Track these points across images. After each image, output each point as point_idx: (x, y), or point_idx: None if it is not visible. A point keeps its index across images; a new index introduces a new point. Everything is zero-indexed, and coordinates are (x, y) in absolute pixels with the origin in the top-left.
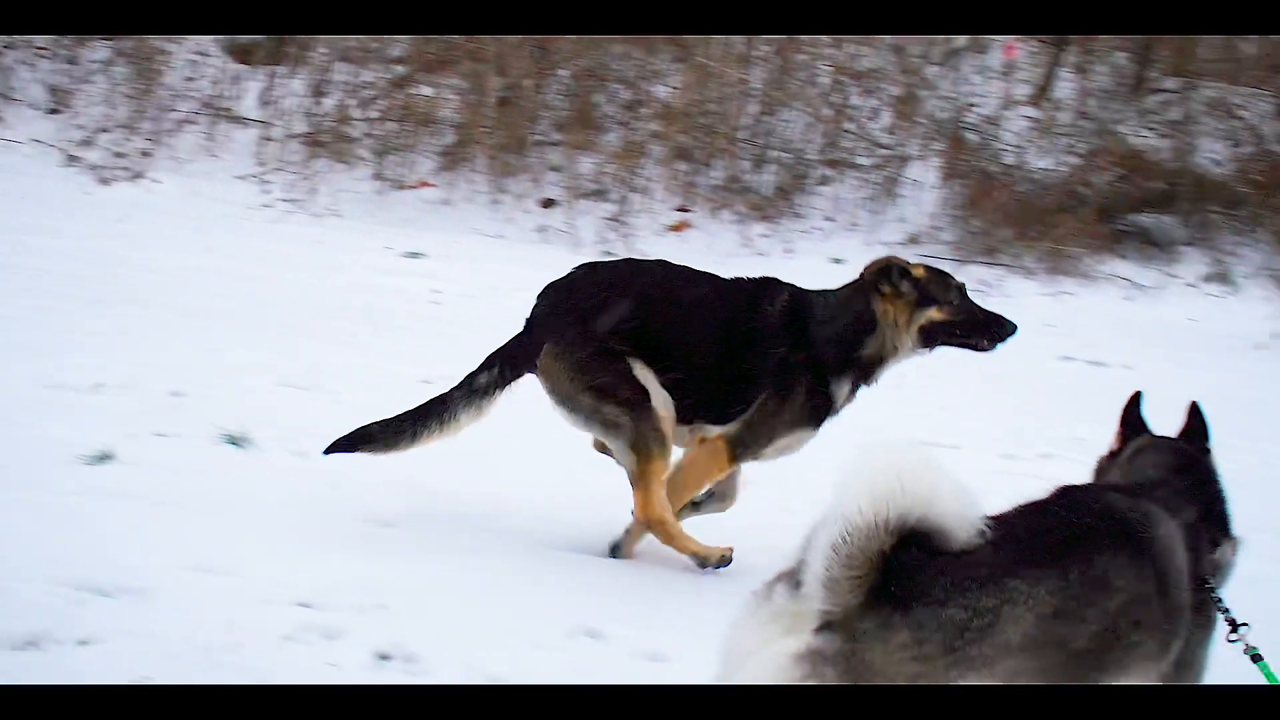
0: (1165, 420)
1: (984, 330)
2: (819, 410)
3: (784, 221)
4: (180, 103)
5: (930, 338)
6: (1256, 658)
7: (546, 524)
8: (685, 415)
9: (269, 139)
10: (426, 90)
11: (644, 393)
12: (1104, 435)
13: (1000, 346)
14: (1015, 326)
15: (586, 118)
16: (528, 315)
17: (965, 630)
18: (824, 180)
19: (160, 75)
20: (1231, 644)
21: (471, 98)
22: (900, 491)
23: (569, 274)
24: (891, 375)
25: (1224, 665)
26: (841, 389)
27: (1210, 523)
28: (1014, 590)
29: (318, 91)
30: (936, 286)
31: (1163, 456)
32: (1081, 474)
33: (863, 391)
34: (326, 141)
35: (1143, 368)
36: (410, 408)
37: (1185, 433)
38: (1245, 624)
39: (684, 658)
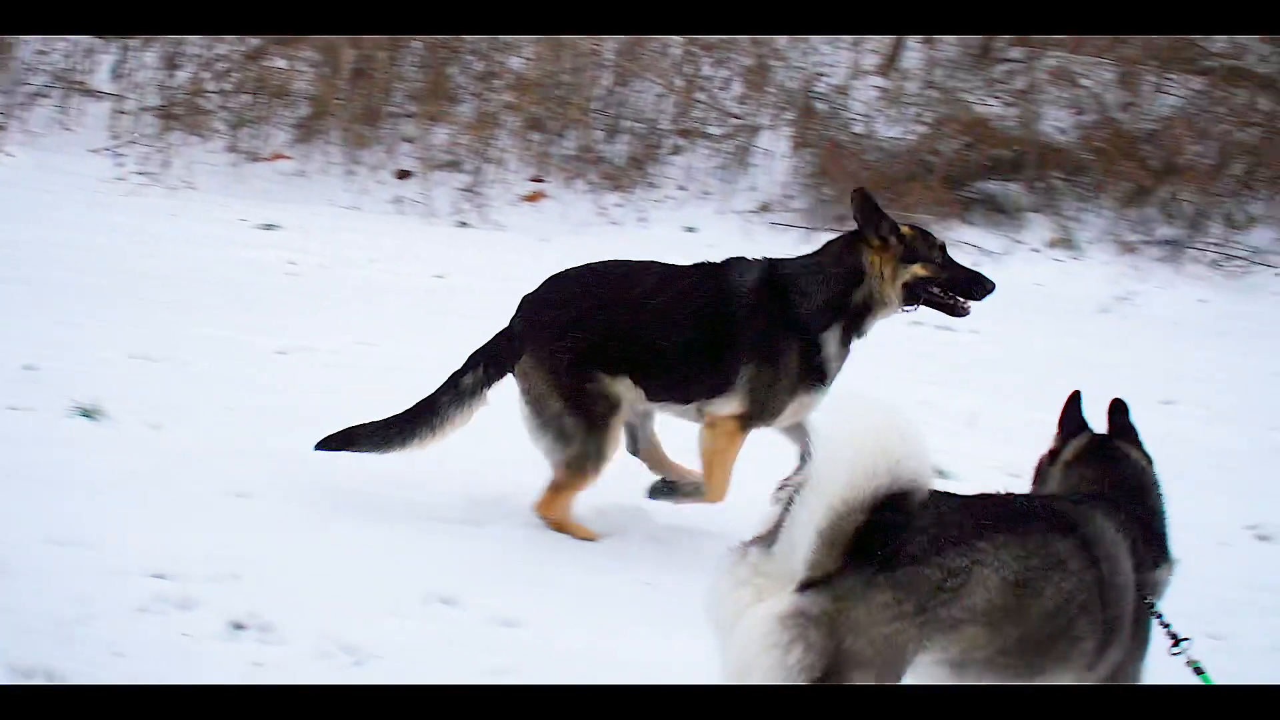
0: (1016, 383)
1: (964, 287)
2: (817, 370)
3: (638, 191)
4: (32, 76)
5: (913, 294)
6: (1199, 670)
7: (405, 493)
8: (681, 397)
9: (122, 112)
10: (280, 63)
11: (612, 410)
12: (951, 396)
13: (979, 304)
14: (994, 284)
15: (440, 89)
16: (508, 323)
17: (940, 590)
18: (676, 150)
19: (11, 49)
20: (1174, 657)
21: (325, 70)
22: (886, 460)
23: (543, 286)
24: (880, 327)
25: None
26: (831, 344)
27: (1151, 542)
28: (982, 552)
29: (171, 64)
30: (921, 243)
31: (1108, 466)
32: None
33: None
34: (181, 114)
35: (990, 331)
36: (399, 411)
37: (1117, 432)
38: (1187, 639)
39: (538, 622)
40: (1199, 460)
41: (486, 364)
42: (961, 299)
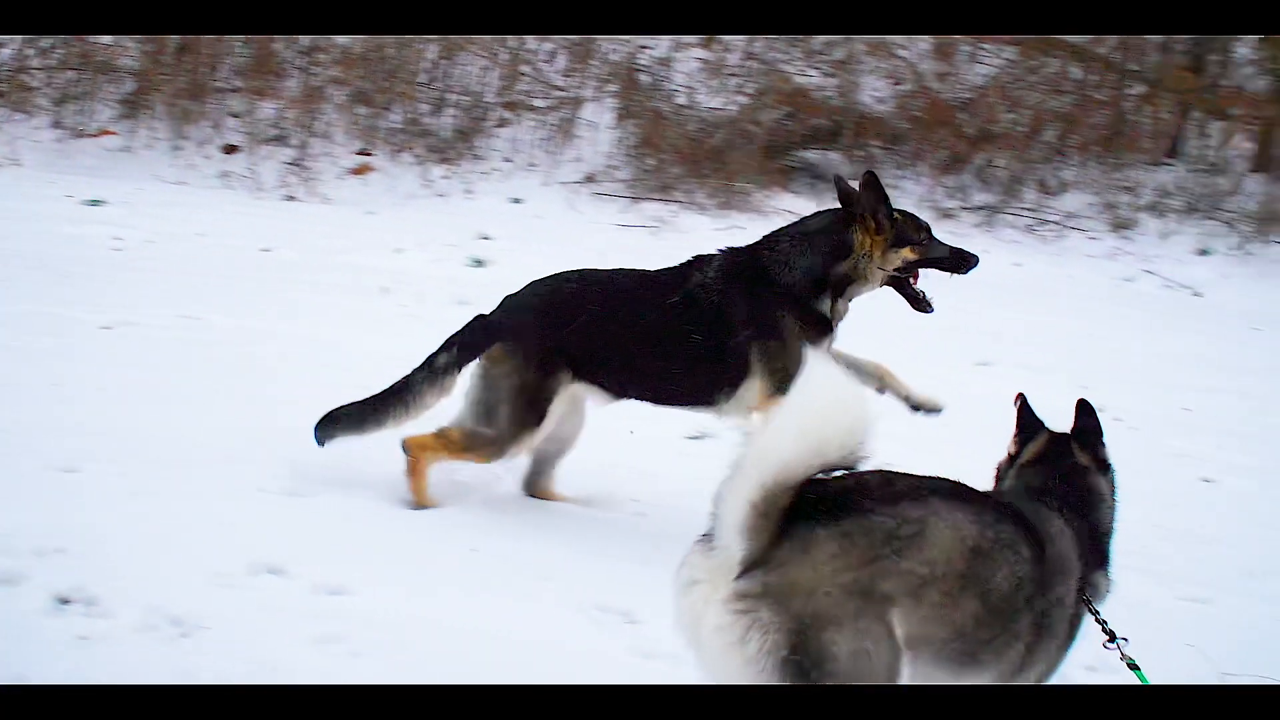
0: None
1: (952, 264)
2: (820, 327)
3: (464, 163)
4: None
5: (897, 277)
6: (1134, 666)
7: (232, 466)
8: (703, 401)
9: None
10: (105, 38)
11: (540, 421)
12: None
13: (965, 277)
14: (978, 259)
15: (266, 64)
16: (484, 313)
17: (894, 537)
18: (502, 123)
19: None
20: (1107, 650)
21: (150, 45)
22: (818, 446)
23: (526, 289)
24: (864, 299)
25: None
26: (824, 306)
27: (1095, 546)
28: (938, 507)
29: None
30: (910, 227)
31: (1061, 469)
32: None
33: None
34: (4, 90)
35: None
36: (376, 392)
37: (1079, 433)
38: (1124, 638)
39: (365, 591)
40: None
41: (459, 347)
42: (927, 296)
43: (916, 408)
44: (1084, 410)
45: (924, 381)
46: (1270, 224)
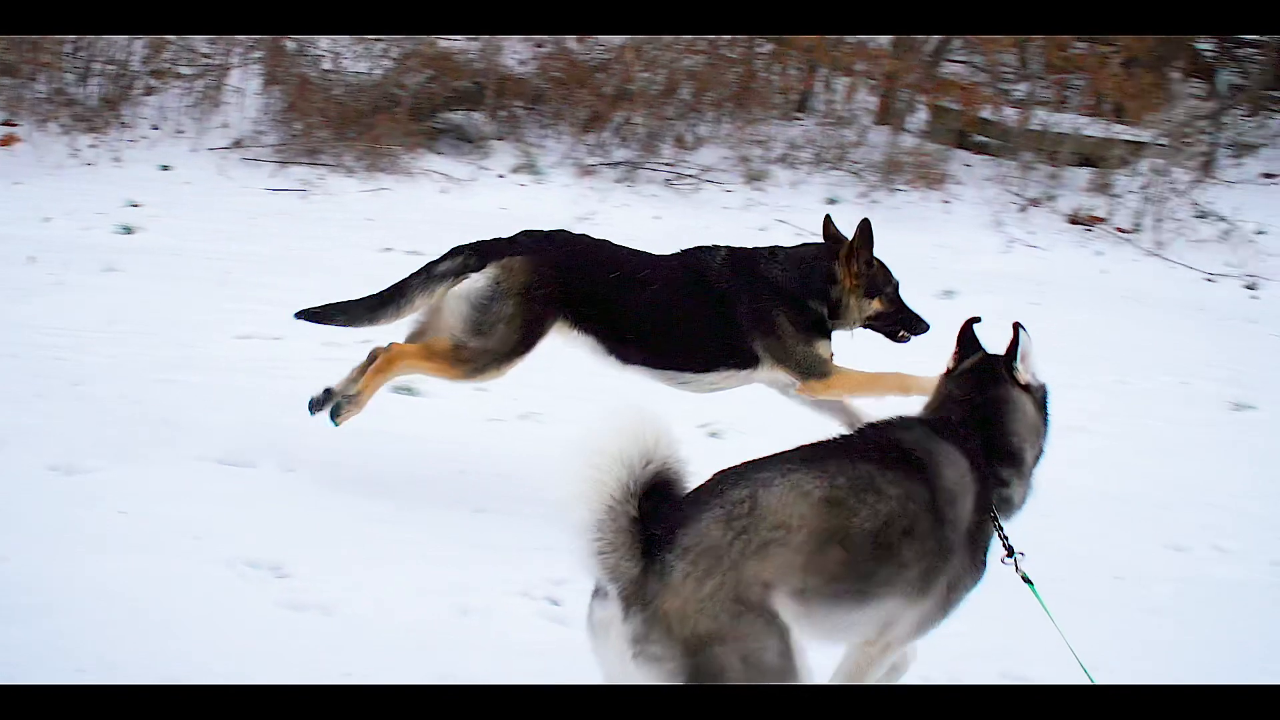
0: None
1: (907, 325)
2: (819, 324)
3: (111, 132)
4: None
5: (873, 321)
6: (1027, 581)
7: None
8: (685, 367)
9: None
10: None
11: (528, 350)
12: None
13: (916, 339)
14: (929, 326)
15: None
16: (512, 234)
17: (731, 521)
18: (150, 90)
19: None
20: (1005, 565)
21: None
22: (610, 469)
23: (548, 231)
24: (842, 337)
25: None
26: (820, 312)
27: (1002, 459)
28: (763, 478)
29: None
30: (880, 278)
31: (982, 384)
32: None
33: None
34: None
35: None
36: (373, 292)
37: (1009, 354)
38: (1022, 553)
39: (14, 558)
40: None
41: (471, 253)
42: (903, 330)
43: None
44: (1016, 332)
45: None
46: (893, 173)
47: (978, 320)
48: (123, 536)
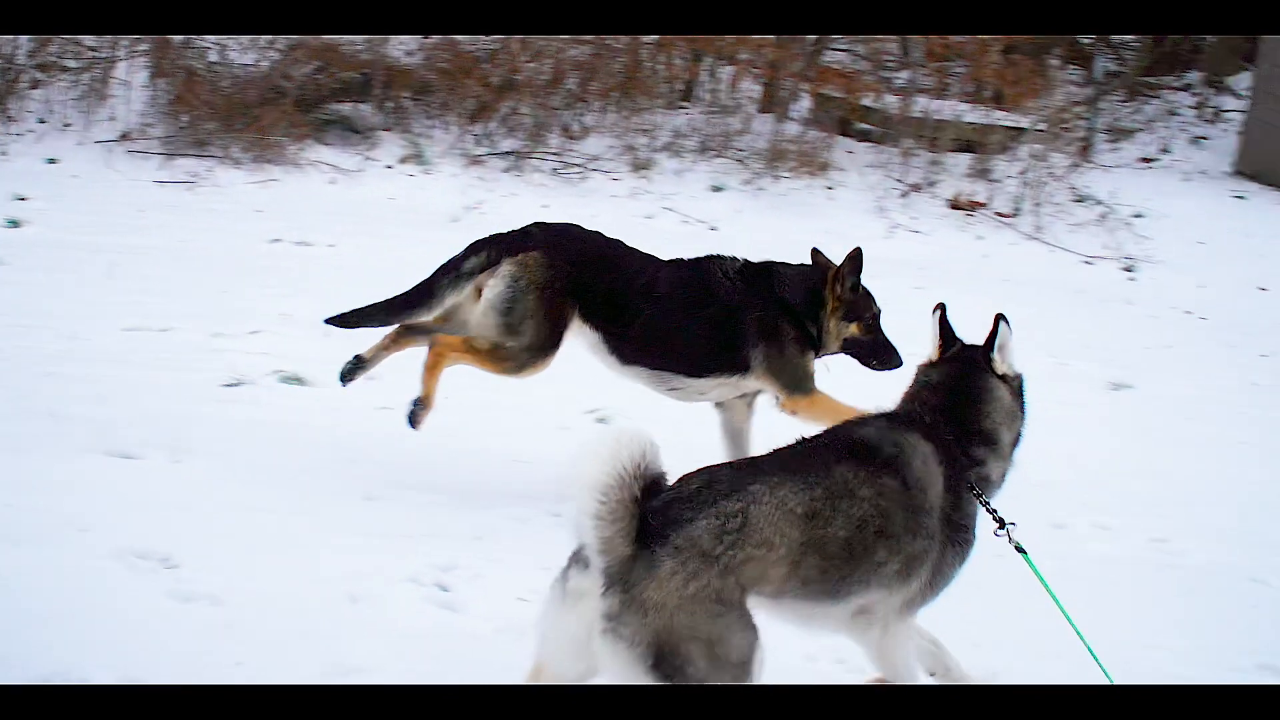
0: (374, 292)
1: (880, 355)
2: (812, 342)
3: None
4: None
5: (845, 346)
6: (1021, 550)
7: None
8: (683, 370)
9: None
10: None
11: (558, 344)
12: (311, 306)
13: (886, 373)
14: (902, 361)
15: None
16: (525, 226)
17: (722, 535)
18: (35, 83)
19: None
20: (998, 538)
21: None
22: (621, 449)
23: (561, 224)
24: (827, 360)
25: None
26: (813, 329)
27: (975, 441)
28: (755, 492)
29: None
30: (862, 305)
31: (958, 373)
32: (289, 346)
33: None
34: None
35: (345, 245)
36: (401, 292)
37: (988, 344)
38: (1013, 523)
39: None
40: None
41: (493, 249)
42: (874, 360)
43: None
44: (996, 323)
45: None
46: (777, 161)
47: (944, 306)
48: (7, 530)
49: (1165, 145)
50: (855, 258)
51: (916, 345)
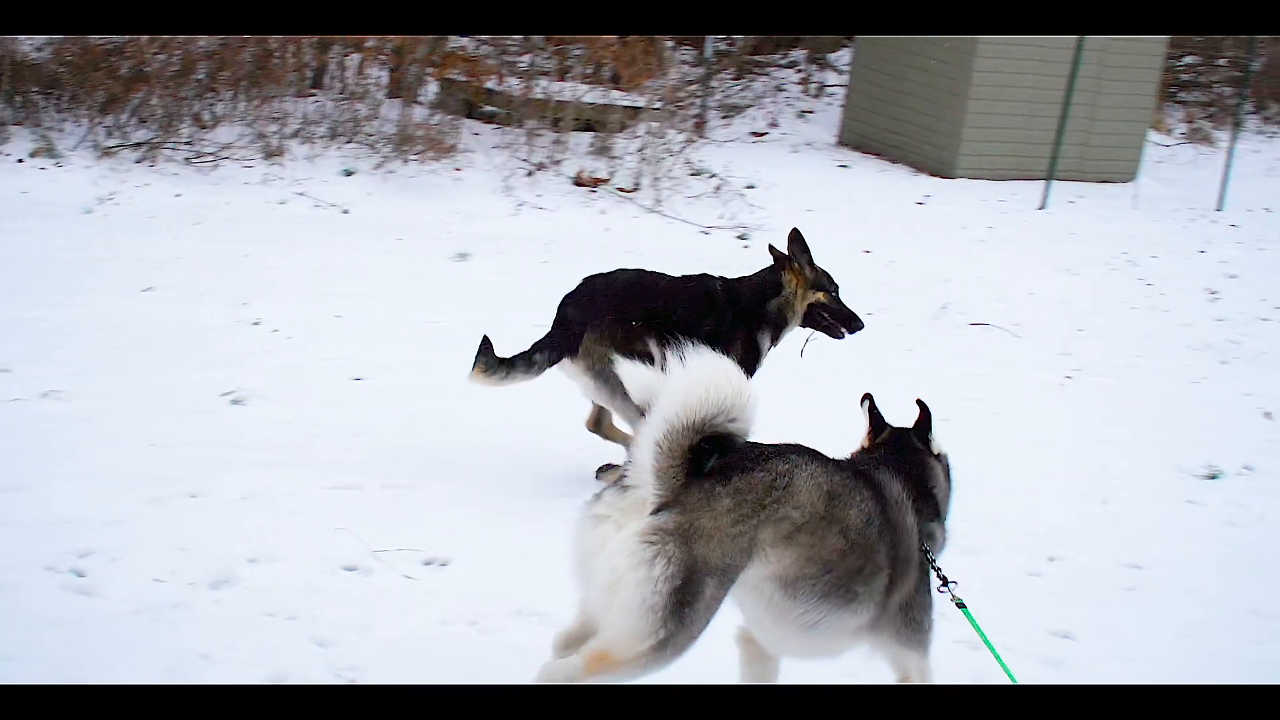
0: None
1: (846, 321)
2: (772, 333)
3: None
4: None
5: (810, 314)
6: (961, 605)
7: None
8: None
9: None
10: None
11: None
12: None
13: (851, 336)
14: (864, 325)
15: None
16: (557, 317)
17: (772, 488)
18: None
19: None
20: (941, 593)
21: None
22: (706, 399)
23: (582, 286)
24: (789, 339)
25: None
26: (765, 341)
27: (928, 502)
28: (797, 461)
29: None
30: (824, 278)
31: (900, 451)
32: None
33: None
34: None
35: None
36: (503, 358)
37: (918, 427)
38: (955, 581)
39: None
40: (177, 337)
41: (552, 350)
42: (842, 326)
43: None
44: (923, 409)
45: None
46: (406, 145)
47: (871, 397)
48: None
49: (774, 119)
50: (796, 238)
51: (544, 315)
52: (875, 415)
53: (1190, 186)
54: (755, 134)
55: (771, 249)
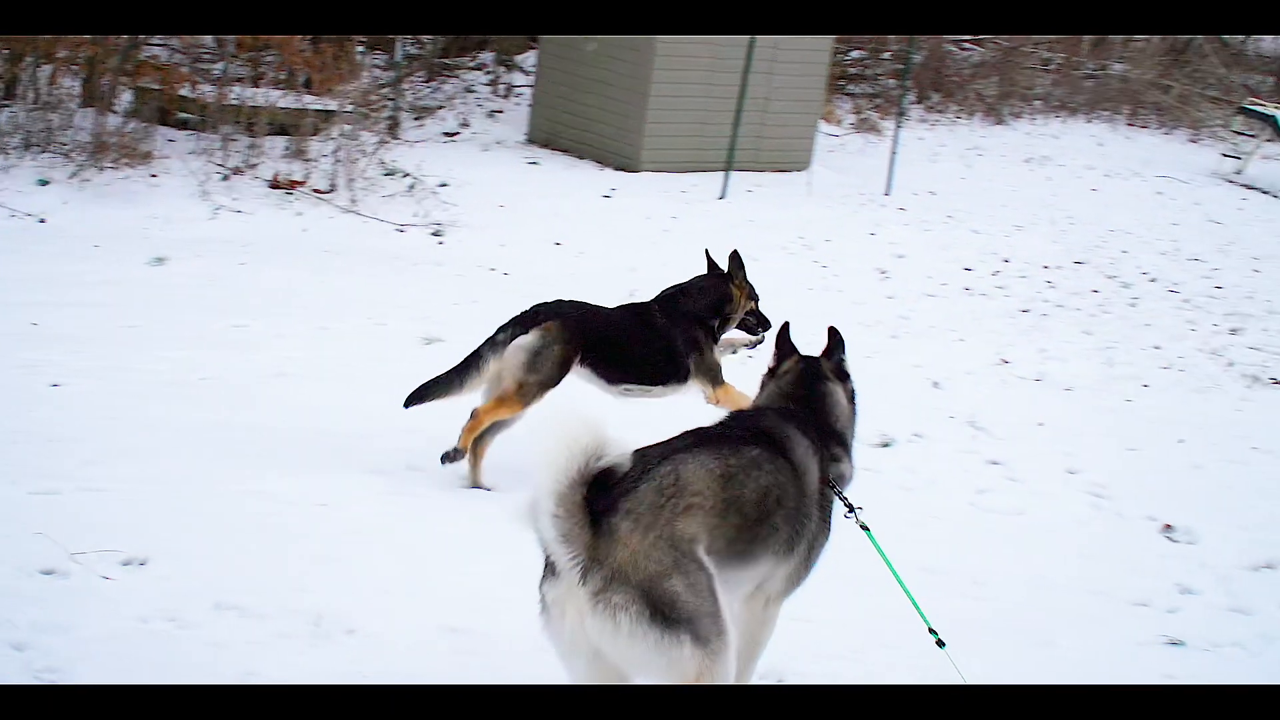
0: None
1: (765, 324)
2: (709, 347)
3: None
4: None
5: (744, 320)
6: (865, 528)
7: None
8: (655, 382)
9: None
10: None
11: (559, 381)
12: None
13: (764, 335)
14: (771, 324)
15: None
16: (531, 306)
17: (661, 490)
18: None
19: None
20: (847, 519)
21: None
22: (572, 455)
23: (555, 301)
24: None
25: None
26: (713, 326)
27: (830, 439)
28: (682, 458)
29: None
30: (755, 290)
31: (806, 382)
32: None
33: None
34: None
35: None
36: (453, 365)
37: (827, 353)
38: (860, 507)
39: None
40: None
41: (517, 325)
42: (760, 328)
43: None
44: (832, 335)
45: None
46: (100, 153)
47: (788, 324)
48: None
49: (465, 120)
50: (736, 257)
51: (241, 316)
52: (785, 342)
53: (860, 173)
54: (447, 134)
55: (713, 263)
